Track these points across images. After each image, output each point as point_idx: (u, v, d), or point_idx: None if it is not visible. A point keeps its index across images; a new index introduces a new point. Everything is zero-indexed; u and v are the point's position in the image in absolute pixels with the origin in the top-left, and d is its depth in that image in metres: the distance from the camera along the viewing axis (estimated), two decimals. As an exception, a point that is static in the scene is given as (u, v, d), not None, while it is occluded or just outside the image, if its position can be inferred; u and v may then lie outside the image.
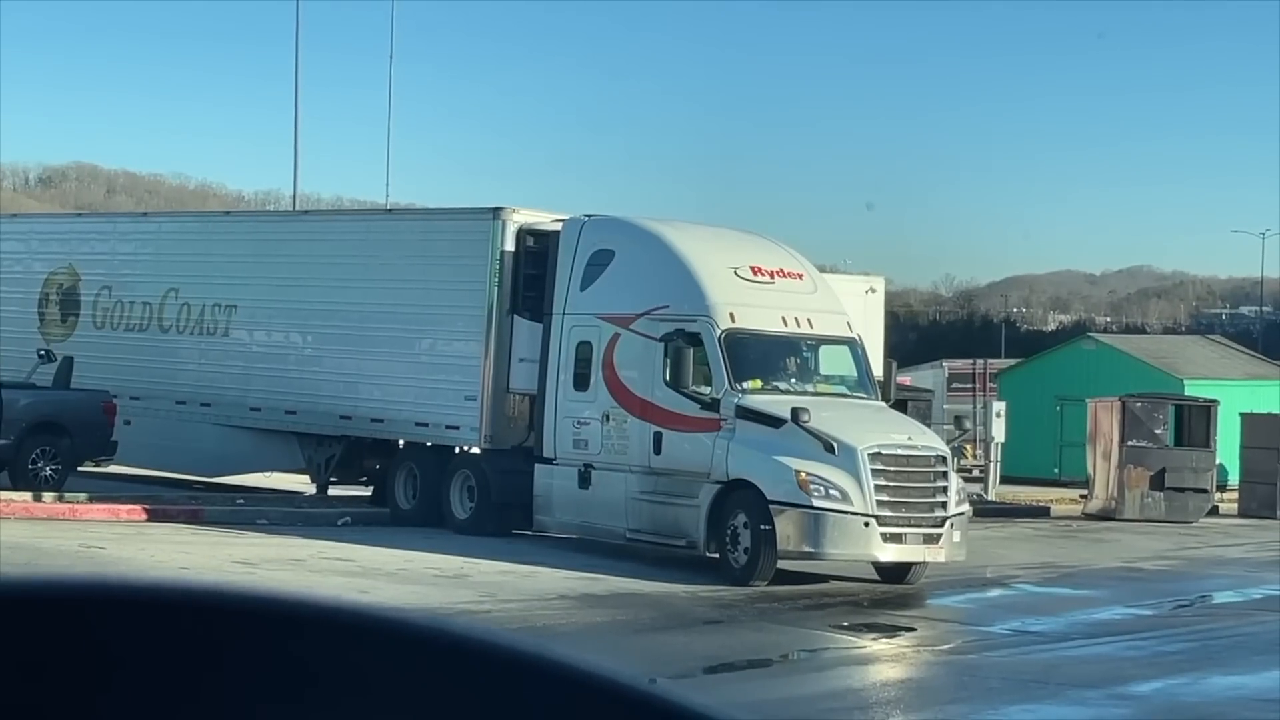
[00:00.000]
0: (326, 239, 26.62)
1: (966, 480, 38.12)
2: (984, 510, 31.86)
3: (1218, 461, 33.93)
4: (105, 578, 1.18)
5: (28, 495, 23.45)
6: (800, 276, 21.93)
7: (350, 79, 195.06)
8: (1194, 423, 33.75)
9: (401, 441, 24.50)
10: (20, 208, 78.34)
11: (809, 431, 19.21)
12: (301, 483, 27.08)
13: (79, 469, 25.30)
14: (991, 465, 35.00)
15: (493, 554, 20.30)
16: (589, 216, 22.85)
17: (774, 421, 19.54)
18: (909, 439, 19.89)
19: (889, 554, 19.41)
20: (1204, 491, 33.06)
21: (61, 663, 1.11)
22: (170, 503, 23.86)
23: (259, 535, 21.74)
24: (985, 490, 34.42)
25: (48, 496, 23.55)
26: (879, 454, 19.27)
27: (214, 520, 22.94)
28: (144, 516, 22.89)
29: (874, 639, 16.25)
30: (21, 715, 1.10)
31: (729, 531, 19.50)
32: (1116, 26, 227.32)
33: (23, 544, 18.55)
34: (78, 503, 23.37)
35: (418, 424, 23.96)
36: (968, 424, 29.08)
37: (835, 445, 19.16)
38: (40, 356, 27.17)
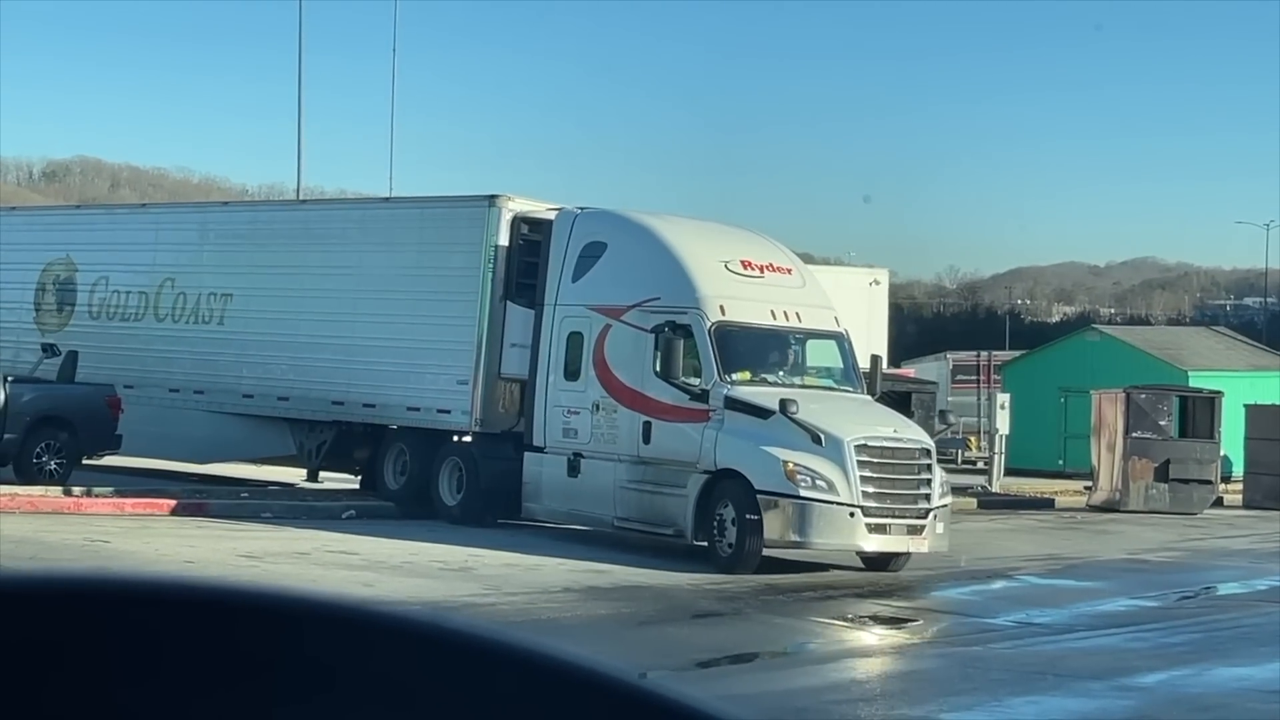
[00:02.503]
0: (323, 227, 26.73)
1: (971, 472, 38.32)
2: (988, 502, 31.89)
3: (1222, 453, 33.91)
4: (111, 573, 1.18)
5: (34, 489, 23.44)
6: (789, 271, 22.23)
7: (353, 76, 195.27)
8: (1198, 414, 33.71)
9: (393, 424, 24.64)
10: (24, 201, 78.34)
11: (797, 423, 19.48)
12: (298, 475, 27.14)
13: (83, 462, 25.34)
14: (996, 457, 34.98)
15: (497, 546, 20.33)
16: (581, 209, 23.15)
17: (762, 413, 19.77)
18: (894, 431, 20.15)
19: (873, 544, 19.67)
20: (1208, 483, 33.04)
21: (67, 659, 1.11)
22: (174, 496, 23.87)
23: (263, 528, 21.76)
24: (989, 482, 34.43)
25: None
26: (865, 445, 19.54)
27: (218, 513, 22.95)
28: (148, 510, 22.91)
29: (878, 631, 16.27)
30: (29, 711, 1.10)
31: (716, 520, 19.76)
32: (1123, 19, 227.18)
33: (27, 538, 18.58)
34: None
35: (409, 408, 24.14)
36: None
37: (822, 437, 19.40)
38: (44, 351, 27.24)
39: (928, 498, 19.91)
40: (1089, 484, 34.01)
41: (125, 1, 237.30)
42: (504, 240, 23.41)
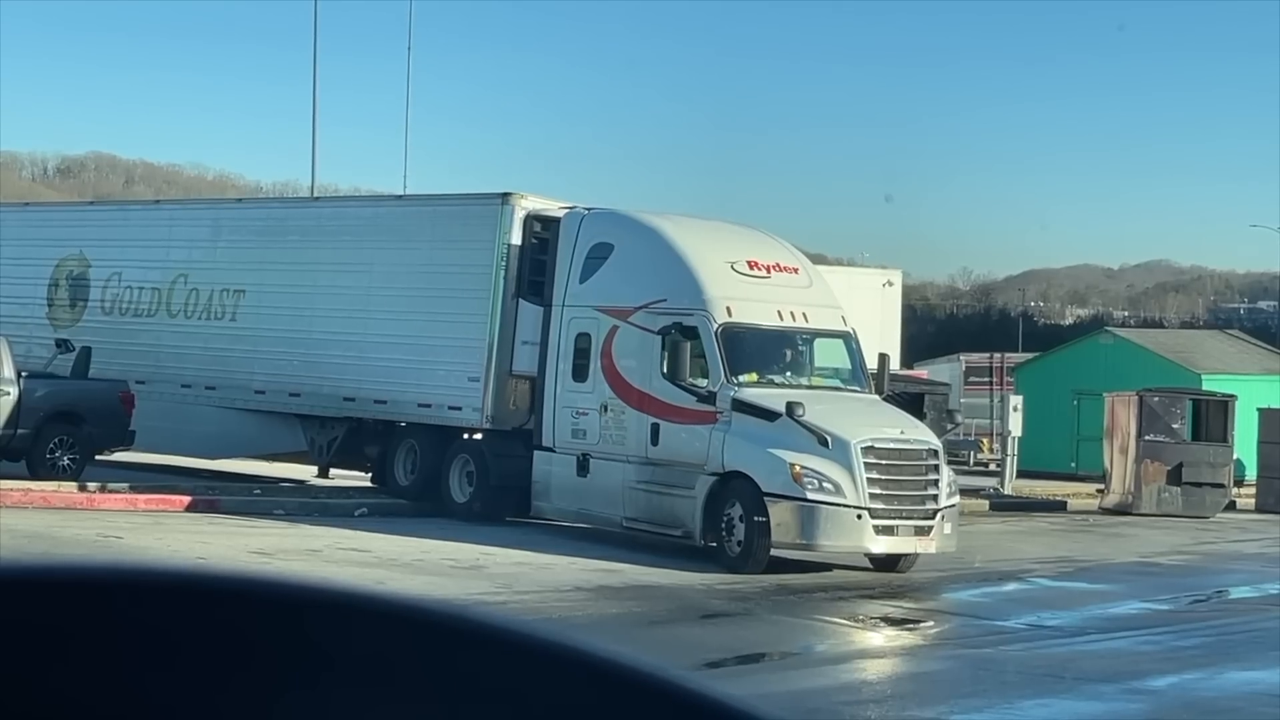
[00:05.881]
0: (336, 224, 26.75)
1: (983, 474, 38.25)
2: (1001, 504, 31.83)
3: (1235, 456, 33.82)
4: (126, 563, 1.18)
5: (47, 484, 23.47)
6: (796, 271, 22.24)
7: (368, 75, 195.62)
8: (1211, 417, 33.62)
9: (404, 421, 24.68)
10: (38, 197, 78.52)
11: (803, 425, 19.52)
12: (309, 471, 27.15)
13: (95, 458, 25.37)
14: (1008, 459, 34.91)
15: (508, 544, 20.34)
16: (589, 209, 23.22)
17: (769, 415, 19.83)
18: (901, 433, 20.16)
19: (881, 545, 19.72)
20: (1221, 486, 32.95)
21: (85, 648, 1.11)
22: (188, 492, 23.90)
23: (276, 525, 21.78)
24: (1002, 484, 34.35)
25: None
26: (872, 447, 19.58)
27: (231, 510, 22.98)
28: (161, 506, 22.94)
29: (888, 632, 16.26)
30: (49, 701, 1.09)
31: (724, 522, 19.81)
32: (1138, 23, 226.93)
33: (40, 533, 18.62)
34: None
35: (420, 405, 24.18)
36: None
37: (829, 439, 19.44)
38: (58, 346, 27.30)
39: (935, 498, 19.93)
40: (1101, 487, 33.93)
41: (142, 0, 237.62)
42: (516, 238, 23.44)
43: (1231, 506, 33.62)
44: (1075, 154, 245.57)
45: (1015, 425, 34.58)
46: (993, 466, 39.95)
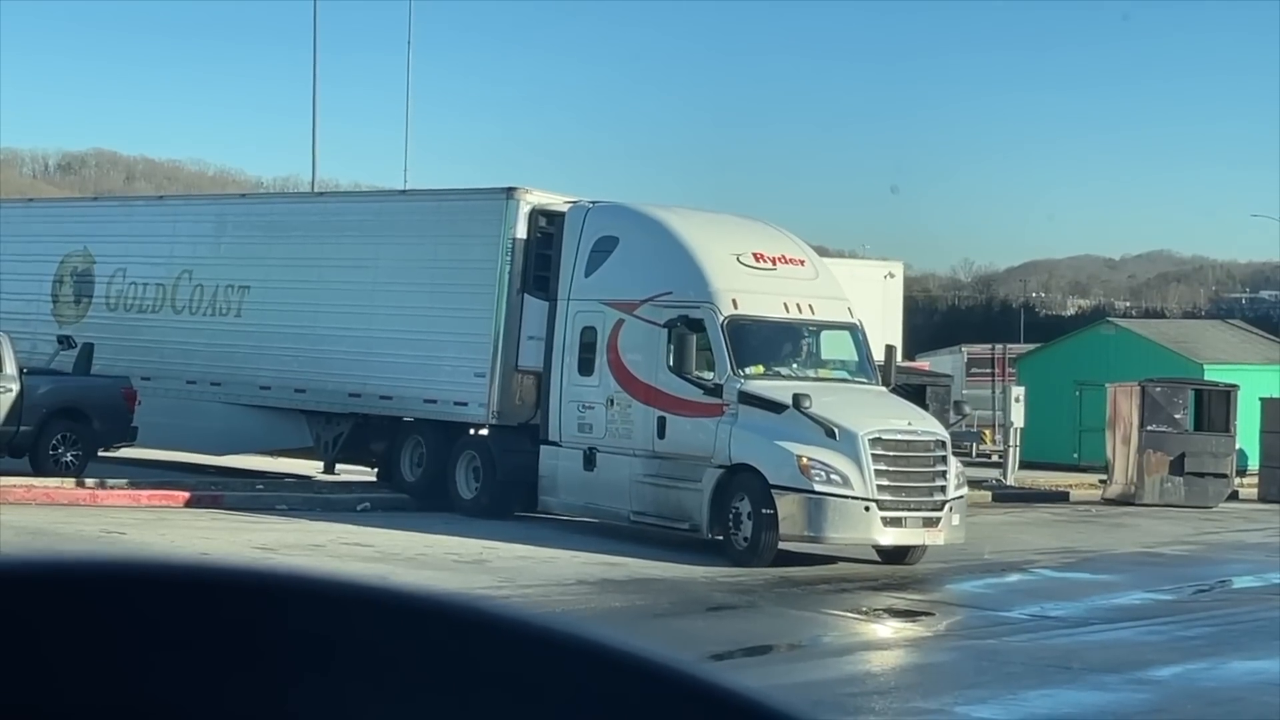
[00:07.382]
0: (340, 220, 26.74)
1: (986, 465, 38.23)
2: (1003, 495, 31.86)
3: (1237, 446, 33.82)
4: (129, 556, 1.18)
5: (50, 481, 23.49)
6: (801, 262, 22.19)
7: (367, 71, 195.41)
8: (1214, 407, 33.65)
9: (409, 417, 24.69)
10: (39, 193, 78.42)
11: (810, 417, 19.51)
12: (314, 467, 27.16)
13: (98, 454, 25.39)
14: (1011, 450, 34.90)
15: (512, 538, 20.36)
16: (593, 203, 23.16)
17: (776, 407, 19.80)
18: (909, 424, 20.14)
19: (889, 538, 19.71)
20: (1224, 476, 32.96)
21: (86, 643, 1.12)
22: (190, 488, 23.92)
23: (279, 520, 21.80)
24: (1004, 475, 34.35)
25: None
26: (879, 439, 19.55)
27: (234, 505, 23.01)
28: (164, 502, 22.97)
29: (893, 624, 16.29)
30: (50, 698, 1.10)
31: (732, 514, 19.82)
32: (1139, 11, 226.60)
33: (43, 530, 18.65)
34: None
35: (426, 401, 24.15)
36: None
37: (836, 430, 19.43)
38: (60, 343, 27.32)
39: (943, 490, 19.91)
40: (1104, 477, 33.95)
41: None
42: (522, 233, 23.43)
43: (1234, 496, 33.63)
44: (1075, 144, 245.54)
45: (1017, 416, 34.56)
46: (995, 458, 39.93)
